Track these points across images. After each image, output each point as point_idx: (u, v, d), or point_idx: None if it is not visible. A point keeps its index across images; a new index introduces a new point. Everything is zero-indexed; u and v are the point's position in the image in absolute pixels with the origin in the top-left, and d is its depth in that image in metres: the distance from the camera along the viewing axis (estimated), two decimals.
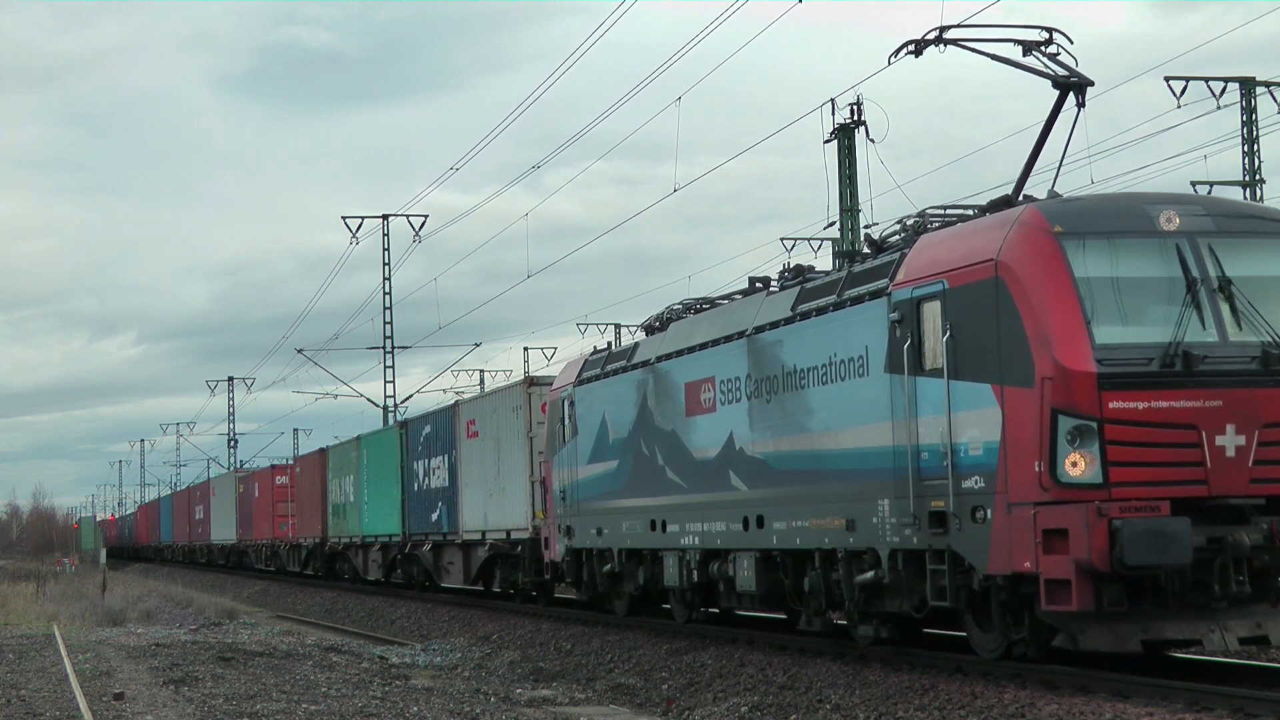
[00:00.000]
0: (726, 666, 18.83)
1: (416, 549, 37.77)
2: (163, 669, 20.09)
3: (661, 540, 21.23)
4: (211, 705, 16.07)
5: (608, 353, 24.34)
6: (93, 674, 19.72)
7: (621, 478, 22.51)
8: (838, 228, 36.79)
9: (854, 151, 35.85)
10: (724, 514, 19.15)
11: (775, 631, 20.45)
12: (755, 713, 16.20)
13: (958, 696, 14.52)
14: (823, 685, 16.41)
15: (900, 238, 16.38)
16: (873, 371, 15.83)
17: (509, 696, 18.68)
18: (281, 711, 15.72)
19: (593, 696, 19.14)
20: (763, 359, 18.16)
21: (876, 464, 15.78)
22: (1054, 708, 13.32)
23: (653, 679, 19.56)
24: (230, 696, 16.91)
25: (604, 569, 23.74)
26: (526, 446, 29.08)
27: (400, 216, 55.04)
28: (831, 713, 15.39)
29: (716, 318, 20.19)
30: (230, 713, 15.56)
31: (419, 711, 15.97)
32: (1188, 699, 12.76)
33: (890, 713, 14.74)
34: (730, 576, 19.21)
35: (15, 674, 19.60)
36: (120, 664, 21.10)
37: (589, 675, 21.00)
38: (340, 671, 20.65)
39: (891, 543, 15.58)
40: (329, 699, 17.00)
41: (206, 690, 17.56)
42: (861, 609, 16.63)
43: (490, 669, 22.82)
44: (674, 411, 20.59)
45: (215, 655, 22.25)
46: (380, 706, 16.33)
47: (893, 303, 15.42)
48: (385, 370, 55.79)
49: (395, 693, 17.96)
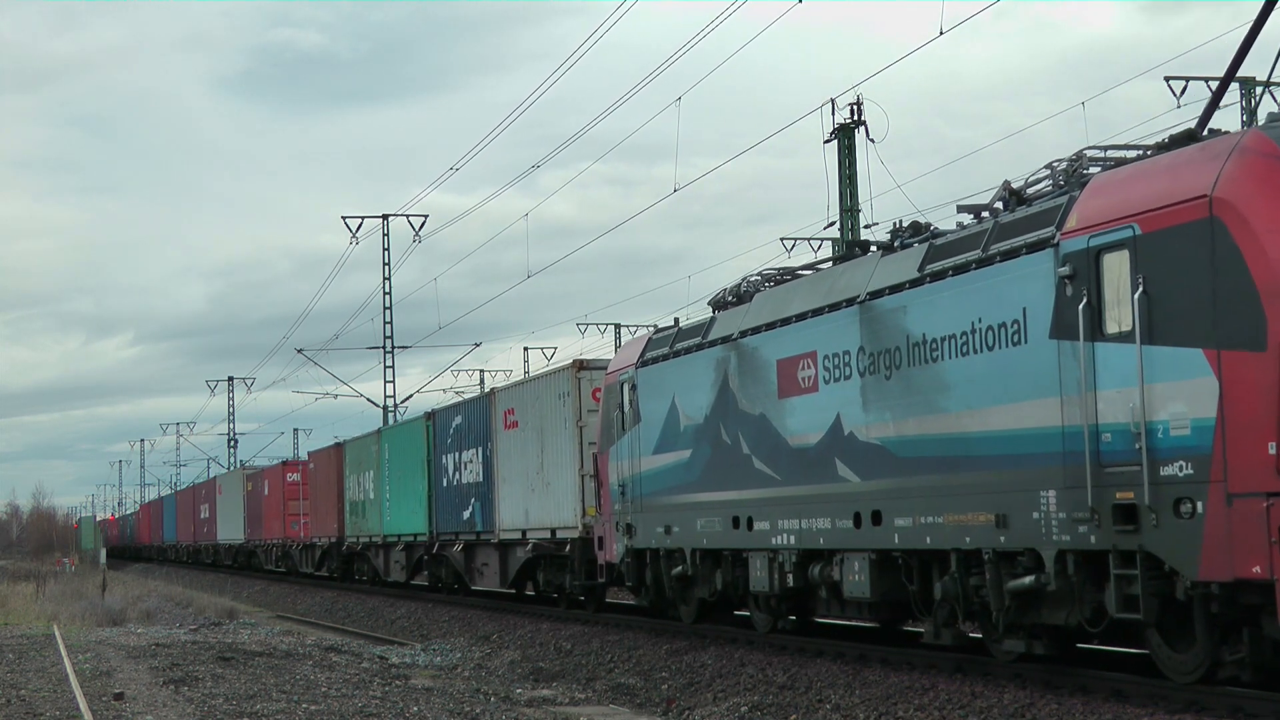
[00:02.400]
0: (726, 666, 18.83)
1: (445, 549, 35.50)
2: (163, 669, 20.08)
3: (746, 539, 18.84)
4: (211, 705, 16.07)
5: (675, 330, 21.69)
6: (93, 674, 19.72)
7: (696, 469, 20.15)
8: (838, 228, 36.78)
9: (854, 151, 35.85)
10: (828, 509, 16.84)
11: (885, 645, 18.18)
12: (755, 713, 16.20)
13: (958, 696, 14.52)
14: (823, 685, 16.42)
15: (1055, 185, 14.05)
16: (1032, 338, 13.46)
17: (509, 696, 18.68)
18: (281, 711, 15.72)
19: (593, 696, 19.14)
20: (880, 329, 15.82)
21: (1038, 448, 13.39)
22: (1054, 708, 13.32)
23: (653, 679, 19.56)
24: (230, 696, 16.91)
25: (673, 572, 21.29)
26: (575, 437, 26.58)
27: (400, 216, 55.09)
28: (831, 713, 15.39)
29: (816, 284, 17.74)
30: (230, 713, 15.55)
31: (419, 711, 15.96)
32: (1187, 699, 12.72)
33: (890, 713, 14.74)
34: (836, 581, 16.95)
35: (15, 674, 19.59)
36: (120, 664, 21.10)
37: (589, 675, 21.00)
38: (340, 671, 20.64)
39: (1059, 542, 13.16)
40: (329, 699, 16.99)
41: (206, 690, 17.55)
42: (1011, 620, 14.32)
43: (490, 669, 22.82)
44: (763, 393, 18.22)
45: (215, 655, 22.25)
46: (380, 706, 16.33)
47: (1061, 255, 13.06)
48: (385, 370, 55.80)
49: (395, 693, 17.95)
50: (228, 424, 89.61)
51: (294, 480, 54.93)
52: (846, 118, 35.01)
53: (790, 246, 48.72)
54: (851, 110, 34.91)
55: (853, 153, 35.86)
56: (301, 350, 60.17)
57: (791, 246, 48.70)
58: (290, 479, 55.35)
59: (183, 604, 42.01)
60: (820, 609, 18.54)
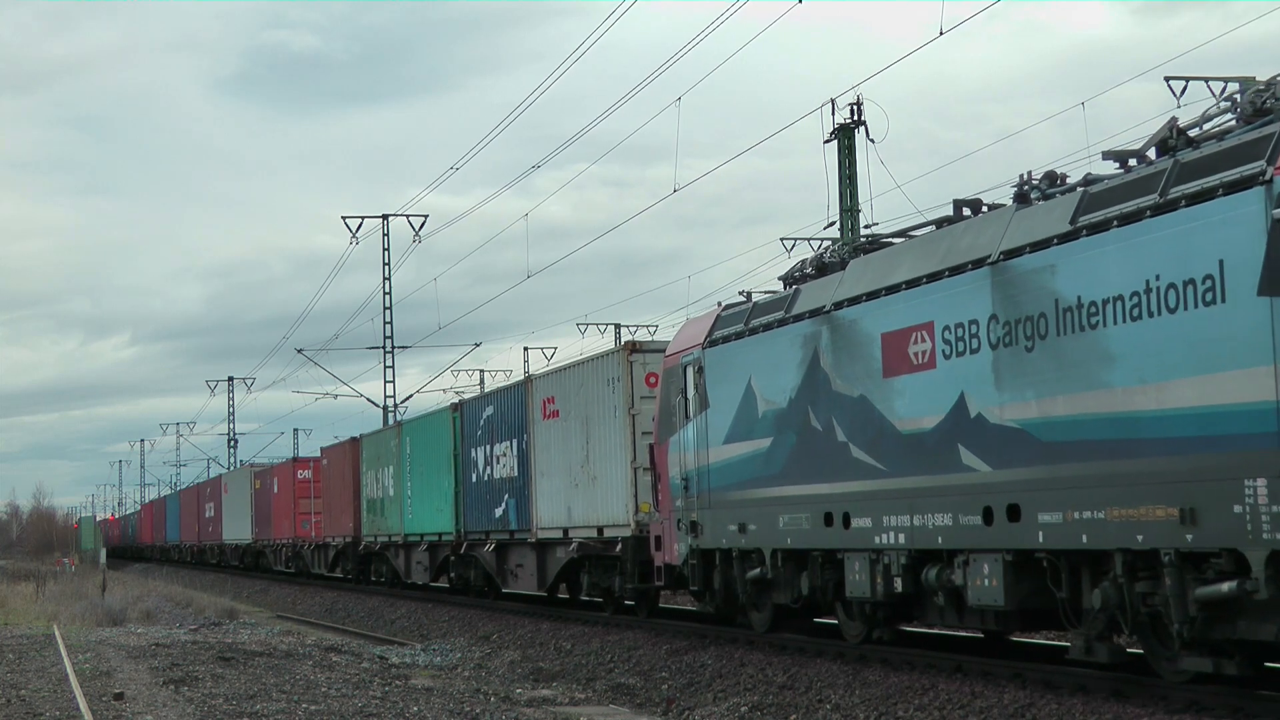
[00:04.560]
0: (726, 666, 18.84)
1: (474, 549, 33.24)
2: (163, 669, 20.09)
3: (841, 538, 16.80)
4: (211, 705, 16.07)
5: (749, 305, 19.59)
6: (93, 674, 19.72)
7: (778, 460, 18.09)
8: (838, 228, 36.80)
9: (854, 152, 35.86)
10: (949, 503, 14.77)
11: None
12: (755, 713, 16.20)
13: (958, 696, 14.53)
14: (823, 685, 16.43)
15: (1241, 119, 12.22)
16: (1233, 296, 11.38)
17: (509, 696, 18.68)
18: (281, 711, 15.72)
19: (593, 696, 19.14)
20: (1019, 293, 13.74)
21: (1240, 428, 11.32)
22: (1054, 708, 13.32)
23: (653, 679, 19.56)
24: (230, 696, 16.91)
25: (748, 574, 19.21)
26: (626, 426, 24.52)
27: (400, 216, 55.13)
28: (831, 713, 15.39)
29: (930, 246, 15.71)
30: (230, 713, 15.55)
31: (419, 711, 15.96)
32: (1187, 699, 12.72)
33: (890, 713, 14.75)
34: (957, 586, 14.91)
35: (15, 674, 19.59)
36: (120, 664, 21.09)
37: (589, 675, 21.00)
38: (340, 671, 20.64)
39: (1271, 541, 11.12)
40: (329, 699, 16.99)
41: (206, 690, 17.56)
42: (1196, 634, 12.28)
43: (490, 669, 22.82)
44: (864, 371, 16.24)
45: (215, 655, 22.26)
46: (380, 706, 16.33)
47: (1276, 193, 11.08)
48: (385, 370, 55.81)
49: (395, 693, 17.95)
50: (228, 424, 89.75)
51: (305, 477, 52.68)
52: (847, 118, 35.06)
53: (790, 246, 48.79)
54: (852, 110, 34.95)
55: (853, 153, 35.87)
56: (302, 350, 60.29)
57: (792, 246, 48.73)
58: (301, 476, 53.09)
59: (183, 604, 42.00)
60: (931, 617, 16.31)
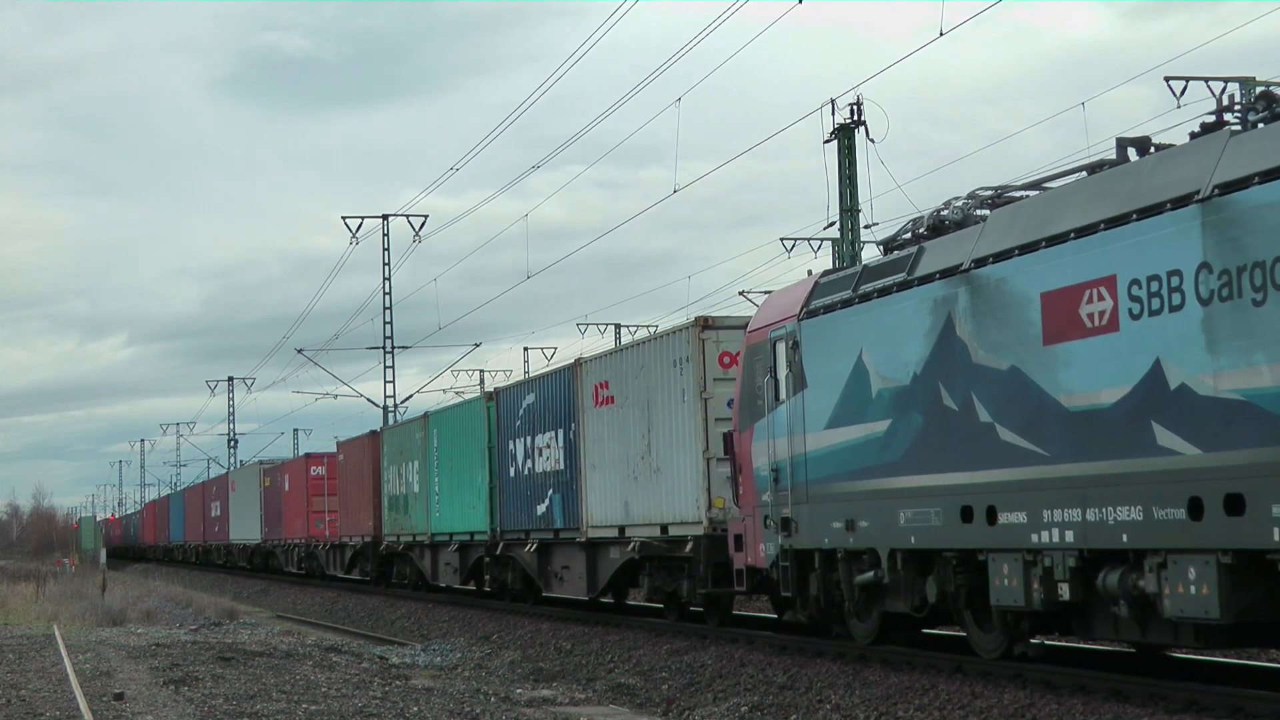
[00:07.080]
0: (726, 666, 18.84)
1: (512, 549, 30.71)
2: (163, 669, 20.09)
3: (985, 536, 14.50)
4: (211, 705, 16.08)
5: (859, 269, 17.51)
6: (93, 674, 19.72)
7: (898, 445, 15.89)
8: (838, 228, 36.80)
9: (854, 152, 35.88)
10: (1139, 493, 12.52)
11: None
12: (755, 713, 16.20)
13: (958, 696, 14.53)
14: (823, 685, 16.43)
15: None
16: None
17: (509, 696, 18.68)
18: (281, 711, 15.72)
19: (593, 696, 19.14)
20: (1244, 233, 11.53)
21: None
22: (1054, 708, 13.33)
23: (653, 679, 19.57)
24: (230, 696, 16.91)
25: (857, 579, 17.01)
26: (698, 411, 21.83)
27: (400, 216, 55.11)
28: (831, 713, 15.40)
29: (1108, 186, 13.37)
30: (230, 713, 15.56)
31: (419, 711, 15.96)
32: (1187, 699, 12.74)
33: (890, 713, 14.75)
34: (1149, 594, 12.62)
35: (15, 674, 19.60)
36: (120, 664, 21.10)
37: (589, 675, 21.00)
38: (340, 671, 20.65)
39: None
40: (329, 699, 17.00)
41: (206, 690, 17.56)
42: None
43: (490, 669, 22.82)
44: (1016, 338, 14.00)
45: (215, 655, 22.27)
46: (380, 706, 16.33)
47: None
48: (385, 370, 55.78)
49: (395, 693, 17.95)
50: (228, 424, 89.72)
51: (318, 474, 49.73)
52: (847, 118, 35.07)
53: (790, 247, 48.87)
54: (852, 110, 34.97)
55: (853, 153, 35.89)
56: (301, 350, 60.21)
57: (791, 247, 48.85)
58: (315, 473, 50.22)
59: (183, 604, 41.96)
60: (1102, 629, 13.86)
